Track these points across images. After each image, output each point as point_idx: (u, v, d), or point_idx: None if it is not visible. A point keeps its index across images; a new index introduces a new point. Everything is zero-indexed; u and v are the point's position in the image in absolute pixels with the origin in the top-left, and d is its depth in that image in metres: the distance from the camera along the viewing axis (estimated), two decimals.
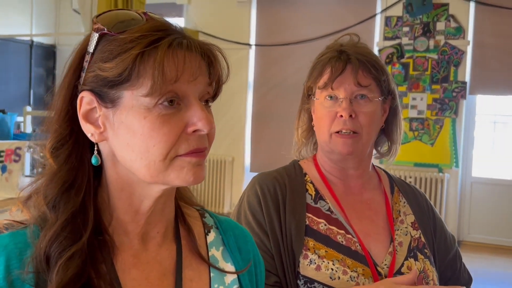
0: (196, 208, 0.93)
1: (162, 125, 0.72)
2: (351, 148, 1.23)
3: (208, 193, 7.08)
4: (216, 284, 0.84)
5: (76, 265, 0.71)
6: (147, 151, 0.73)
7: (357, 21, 6.06)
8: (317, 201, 1.27)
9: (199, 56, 0.75)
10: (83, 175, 0.76)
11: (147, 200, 0.79)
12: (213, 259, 0.87)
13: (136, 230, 0.80)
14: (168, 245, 0.84)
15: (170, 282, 0.81)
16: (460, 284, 1.43)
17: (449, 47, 5.94)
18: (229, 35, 6.86)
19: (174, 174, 0.74)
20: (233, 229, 0.93)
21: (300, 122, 1.37)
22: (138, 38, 0.71)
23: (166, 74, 0.71)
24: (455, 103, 5.93)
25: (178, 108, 0.74)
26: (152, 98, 0.72)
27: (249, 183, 1.30)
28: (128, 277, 0.78)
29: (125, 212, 0.79)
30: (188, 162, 0.74)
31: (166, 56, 0.71)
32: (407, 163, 6.05)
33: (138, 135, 0.72)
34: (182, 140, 0.74)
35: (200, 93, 0.77)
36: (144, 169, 0.74)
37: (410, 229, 1.31)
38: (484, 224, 6.10)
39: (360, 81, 1.22)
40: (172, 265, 0.82)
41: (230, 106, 6.97)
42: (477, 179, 6.19)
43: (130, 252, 0.79)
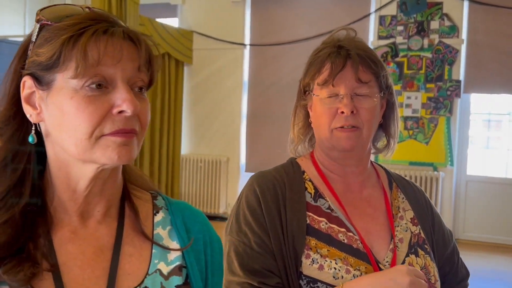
0: (151, 192, 0.98)
1: (87, 105, 0.78)
2: (354, 142, 1.22)
3: (203, 193, 7.06)
4: (157, 259, 0.88)
5: (7, 233, 0.78)
6: (74, 129, 0.78)
7: (351, 20, 6.06)
8: (316, 200, 1.25)
9: (122, 40, 0.80)
10: (23, 153, 0.83)
11: (82, 180, 0.83)
12: (158, 237, 0.91)
13: (74, 208, 0.85)
14: (109, 223, 0.88)
15: (106, 257, 0.85)
16: (458, 278, 1.43)
17: (443, 46, 5.96)
18: (223, 35, 6.85)
19: (100, 152, 0.79)
20: (182, 210, 0.97)
21: (297, 119, 1.35)
22: (69, 25, 0.78)
23: (88, 57, 0.77)
24: (450, 101, 5.94)
25: (106, 91, 0.79)
26: (78, 80, 0.77)
27: (247, 183, 1.28)
28: (65, 251, 0.83)
29: (64, 190, 0.84)
30: (113, 142, 0.79)
31: (89, 40, 0.77)
32: (402, 162, 6.06)
33: (66, 115, 0.79)
34: (107, 120, 0.79)
35: (129, 78, 0.81)
36: (73, 147, 0.79)
37: (409, 225, 1.30)
38: (479, 222, 6.11)
39: (360, 77, 1.21)
40: (110, 242, 0.87)
41: (225, 106, 6.96)
42: (472, 177, 6.21)
43: (68, 228, 0.85)
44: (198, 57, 7.03)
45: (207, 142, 7.11)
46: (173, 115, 6.88)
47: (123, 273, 0.84)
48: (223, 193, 7.01)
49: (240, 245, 1.19)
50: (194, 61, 7.06)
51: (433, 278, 1.25)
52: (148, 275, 0.86)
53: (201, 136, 7.15)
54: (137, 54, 0.82)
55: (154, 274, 0.86)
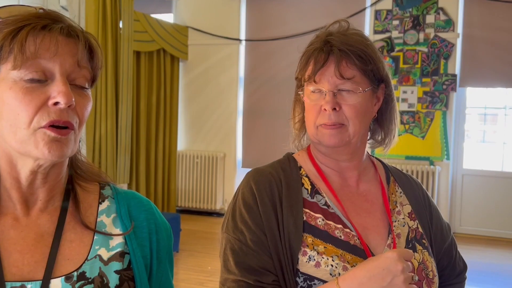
0: (100, 183, 1.01)
1: (24, 95, 0.82)
2: (337, 139, 1.21)
3: (200, 189, 7.06)
4: (98, 245, 0.91)
5: None
6: (14, 118, 0.83)
7: (347, 15, 6.05)
8: (313, 196, 1.24)
9: (59, 35, 0.84)
10: None
11: (23, 171, 0.88)
12: (101, 225, 0.94)
13: (17, 196, 0.89)
14: (51, 211, 0.92)
15: (47, 243, 0.89)
16: (456, 272, 1.43)
17: (439, 40, 5.96)
18: (219, 30, 6.83)
19: (33, 145, 0.83)
20: (129, 199, 1.00)
21: (295, 113, 1.35)
22: (13, 21, 0.83)
23: (25, 49, 0.82)
24: (446, 96, 5.95)
25: (45, 84, 0.84)
26: (18, 72, 0.82)
27: (243, 180, 1.26)
28: (6, 237, 0.87)
29: (6, 179, 0.89)
30: (47, 136, 0.83)
31: (28, 34, 0.82)
32: (399, 156, 6.07)
33: (5, 104, 0.83)
34: (43, 112, 0.82)
35: (68, 72, 0.85)
36: (11, 135, 0.84)
37: (407, 220, 1.29)
38: (476, 215, 6.13)
39: (343, 73, 1.19)
40: (52, 228, 0.90)
41: (220, 102, 6.95)
42: (468, 171, 6.23)
43: (12, 216, 0.89)
44: (194, 52, 7.01)
45: (203, 138, 7.10)
46: (169, 111, 6.87)
47: (62, 258, 0.88)
48: (219, 189, 7.00)
49: (236, 243, 1.18)
50: (190, 56, 7.04)
51: (431, 273, 1.24)
52: (88, 260, 0.89)
53: (197, 132, 7.13)
54: (75, 49, 0.86)
55: (93, 260, 0.89)
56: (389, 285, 1.07)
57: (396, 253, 1.10)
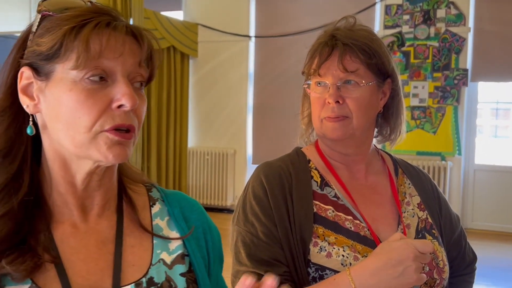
0: (144, 185, 0.98)
1: (86, 98, 0.77)
2: (340, 132, 1.22)
3: (211, 186, 7.08)
4: (159, 249, 0.88)
5: (7, 225, 0.77)
6: (73, 122, 0.78)
7: (357, 10, 6.03)
8: (323, 188, 1.25)
9: (125, 35, 0.80)
10: (20, 144, 0.82)
11: (79, 175, 0.83)
12: (157, 228, 0.91)
13: (74, 202, 0.84)
14: (108, 216, 0.88)
15: (109, 249, 0.85)
16: (466, 262, 1.43)
17: (450, 35, 5.91)
18: (228, 27, 6.84)
19: (95, 149, 0.79)
20: (179, 200, 0.97)
21: (303, 108, 1.36)
22: (72, 17, 0.78)
23: (90, 48, 0.76)
24: (457, 90, 5.91)
25: (105, 84, 0.79)
26: (78, 71, 0.77)
27: (253, 174, 1.28)
28: (67, 246, 0.82)
29: (61, 184, 0.84)
30: (111, 139, 0.78)
31: (92, 32, 0.77)
32: (410, 151, 6.04)
33: (64, 106, 0.78)
34: (107, 115, 0.78)
35: (129, 73, 0.81)
36: (69, 139, 0.79)
37: (416, 211, 1.30)
38: (488, 211, 6.10)
39: (346, 66, 1.20)
40: (112, 234, 0.86)
41: (230, 98, 6.96)
42: (480, 166, 6.19)
43: (69, 223, 0.84)
44: (204, 49, 7.02)
45: (213, 134, 7.12)
46: (179, 108, 6.89)
47: (127, 265, 0.84)
48: (230, 185, 7.02)
49: (247, 235, 1.19)
50: (200, 54, 7.06)
51: (441, 262, 1.25)
52: (152, 265, 0.86)
53: (207, 128, 7.15)
54: (138, 49, 0.81)
55: (158, 264, 0.87)
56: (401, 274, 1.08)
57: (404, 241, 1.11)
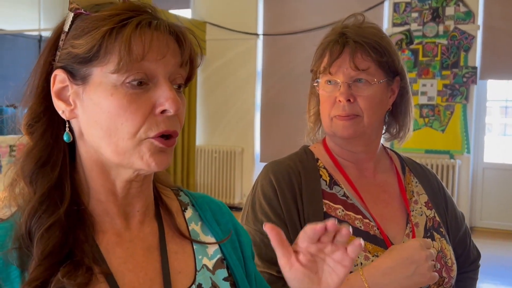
0: (172, 189, 0.94)
1: (129, 103, 0.73)
2: (351, 130, 1.22)
3: (218, 184, 7.10)
4: (200, 255, 0.86)
5: (56, 236, 0.73)
6: (116, 128, 0.73)
7: (365, 8, 6.01)
8: (332, 187, 1.25)
9: (168, 35, 0.75)
10: (58, 151, 0.78)
11: (118, 182, 0.79)
12: (194, 233, 0.89)
13: (115, 210, 0.81)
14: (149, 222, 0.85)
15: (155, 257, 0.82)
16: (470, 260, 1.44)
17: (458, 32, 5.88)
18: (236, 25, 6.84)
19: (139, 155, 0.75)
20: (208, 203, 0.95)
21: (310, 106, 1.36)
22: (109, 16, 0.73)
23: (132, 50, 0.72)
24: (466, 88, 5.87)
25: (147, 88, 0.74)
26: (119, 75, 0.72)
27: (261, 172, 1.28)
28: (114, 256, 0.79)
29: (100, 192, 0.80)
30: (155, 146, 0.75)
31: (134, 33, 0.72)
32: (418, 150, 6.02)
33: (105, 112, 0.73)
34: (151, 121, 0.74)
35: (170, 74, 0.77)
36: (111, 146, 0.75)
37: (424, 209, 1.31)
38: (497, 209, 6.06)
39: (357, 64, 1.20)
40: (155, 241, 0.84)
41: (238, 96, 6.96)
42: (489, 164, 6.15)
43: (113, 232, 0.81)
44: (212, 48, 7.02)
45: (221, 132, 7.13)
46: (187, 106, 6.85)
47: (174, 272, 0.82)
48: (238, 183, 7.03)
49: (257, 235, 1.20)
50: (208, 52, 7.06)
51: (449, 261, 1.25)
52: (198, 271, 0.84)
53: (215, 126, 7.16)
54: (179, 50, 0.77)
55: (202, 270, 0.85)
56: (414, 274, 1.09)
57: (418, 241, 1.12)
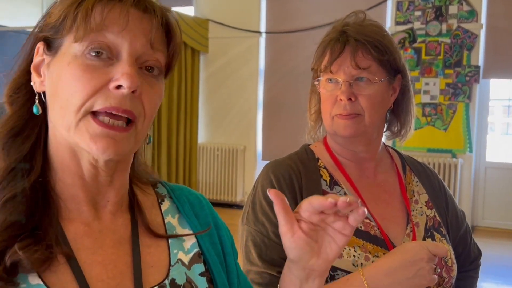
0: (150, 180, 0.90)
1: (83, 73, 0.70)
2: (352, 129, 1.21)
3: (220, 182, 7.10)
4: (175, 249, 0.83)
5: (18, 208, 0.70)
6: (66, 99, 0.71)
7: (368, 6, 5.99)
8: (332, 187, 1.25)
9: (130, 6, 0.72)
10: (33, 125, 0.76)
11: (84, 164, 0.75)
12: (170, 226, 0.85)
13: (82, 195, 0.77)
14: (122, 214, 0.81)
15: (126, 250, 0.78)
16: (471, 258, 1.43)
17: (462, 31, 5.87)
18: (239, 23, 6.83)
19: (80, 134, 0.71)
20: (186, 196, 0.91)
21: (311, 104, 1.35)
22: None
23: (91, 19, 0.70)
24: (469, 87, 5.86)
25: (109, 62, 0.71)
26: (80, 45, 0.70)
27: (261, 172, 1.27)
28: (82, 247, 0.74)
29: (66, 173, 0.76)
30: (94, 128, 0.70)
31: (96, 3, 0.71)
32: (420, 148, 6.01)
33: (60, 82, 0.71)
34: (101, 94, 0.70)
35: (139, 54, 0.73)
36: (61, 119, 0.72)
37: (425, 209, 1.30)
38: (499, 209, 6.05)
39: (358, 63, 1.19)
40: (127, 233, 0.80)
41: (241, 94, 6.96)
42: (491, 163, 6.14)
43: (80, 220, 0.77)
44: (214, 45, 7.02)
45: (223, 130, 7.13)
46: (190, 104, 6.90)
47: (146, 266, 0.78)
48: (240, 181, 7.03)
49: (257, 235, 1.19)
50: (210, 49, 7.06)
51: (450, 261, 1.25)
52: (172, 266, 0.80)
53: (217, 124, 7.16)
54: (150, 27, 0.73)
55: (177, 265, 0.81)
56: (415, 276, 1.08)
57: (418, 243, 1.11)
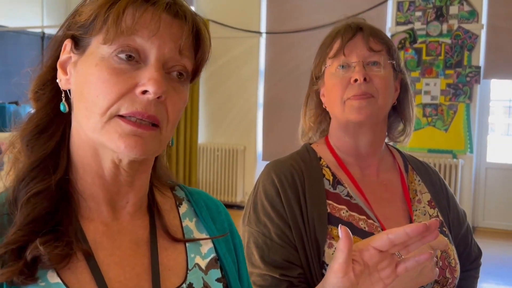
0: (168, 182, 0.90)
1: (110, 76, 0.70)
2: (367, 110, 1.19)
3: (220, 182, 7.09)
4: (193, 253, 0.82)
5: (42, 204, 0.70)
6: (92, 101, 0.70)
7: (368, 7, 5.99)
8: (335, 186, 1.24)
9: (163, 12, 0.72)
10: (59, 122, 0.76)
11: (105, 163, 0.75)
12: (187, 230, 0.85)
13: (101, 195, 0.76)
14: (140, 215, 0.81)
15: (144, 252, 0.78)
16: (472, 258, 1.42)
17: (462, 31, 5.86)
18: (239, 23, 6.82)
19: (107, 136, 0.71)
20: (204, 200, 0.91)
21: (308, 106, 1.35)
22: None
23: (122, 22, 0.70)
24: (469, 88, 5.85)
25: (136, 66, 0.71)
26: (108, 47, 0.70)
27: (263, 172, 1.26)
28: (100, 247, 0.74)
29: (86, 171, 0.76)
30: (123, 128, 0.70)
31: (127, 5, 0.70)
32: (421, 149, 6.00)
33: (87, 83, 0.71)
34: (127, 99, 0.70)
35: (166, 58, 0.72)
36: (85, 120, 0.72)
37: (427, 208, 1.29)
38: (499, 209, 6.04)
39: (372, 46, 1.20)
40: (145, 235, 0.79)
41: (241, 94, 6.95)
42: (492, 164, 6.13)
43: (100, 220, 0.76)
44: (214, 45, 6.92)
45: (224, 131, 7.12)
46: (190, 104, 6.89)
47: (163, 269, 0.78)
48: (240, 181, 7.02)
49: (259, 237, 1.18)
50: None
51: (453, 261, 1.24)
52: (189, 270, 0.80)
53: (217, 125, 7.15)
54: (180, 33, 0.73)
55: (194, 269, 0.81)
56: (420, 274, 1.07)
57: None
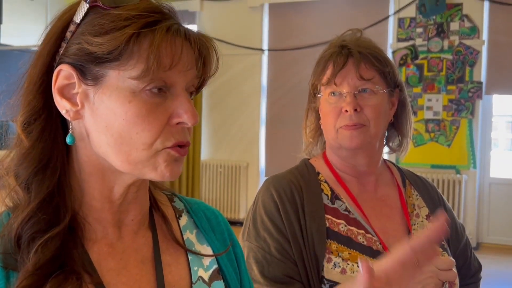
0: (165, 193, 0.90)
1: (148, 113, 0.69)
2: (359, 140, 1.21)
3: (223, 198, 7.08)
4: (196, 266, 0.82)
5: (55, 247, 0.68)
6: (129, 137, 0.69)
7: (369, 23, 6.03)
8: (333, 201, 1.24)
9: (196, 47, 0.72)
10: (58, 154, 0.72)
11: (117, 187, 0.75)
12: (189, 243, 0.84)
13: (109, 218, 0.76)
14: (143, 232, 0.80)
15: (149, 269, 0.77)
16: (471, 272, 1.42)
17: (463, 47, 5.88)
18: (241, 40, 6.87)
19: (153, 166, 0.71)
20: (203, 211, 0.90)
21: (308, 121, 1.37)
22: (134, 17, 0.67)
23: (161, 59, 0.68)
24: (471, 103, 5.86)
25: (164, 96, 0.71)
26: (140, 82, 0.68)
27: (262, 187, 1.27)
28: (106, 268, 0.74)
29: (95, 198, 0.75)
30: (171, 156, 0.71)
31: (164, 41, 0.68)
32: (424, 165, 6.00)
33: (120, 119, 0.69)
34: (167, 132, 0.70)
35: (187, 84, 0.74)
36: (122, 155, 0.70)
37: (425, 222, 1.30)
38: (504, 225, 6.01)
39: (362, 74, 1.20)
40: (149, 252, 0.79)
41: (243, 111, 6.97)
42: (496, 179, 6.11)
43: (105, 241, 0.76)
44: None
45: (226, 147, 7.13)
46: None
47: (169, 285, 0.77)
48: (243, 198, 7.01)
49: (259, 252, 1.18)
50: None
51: None
52: (193, 284, 0.80)
53: (220, 141, 7.16)
54: (202, 63, 0.75)
55: (198, 283, 0.80)
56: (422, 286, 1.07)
57: None
